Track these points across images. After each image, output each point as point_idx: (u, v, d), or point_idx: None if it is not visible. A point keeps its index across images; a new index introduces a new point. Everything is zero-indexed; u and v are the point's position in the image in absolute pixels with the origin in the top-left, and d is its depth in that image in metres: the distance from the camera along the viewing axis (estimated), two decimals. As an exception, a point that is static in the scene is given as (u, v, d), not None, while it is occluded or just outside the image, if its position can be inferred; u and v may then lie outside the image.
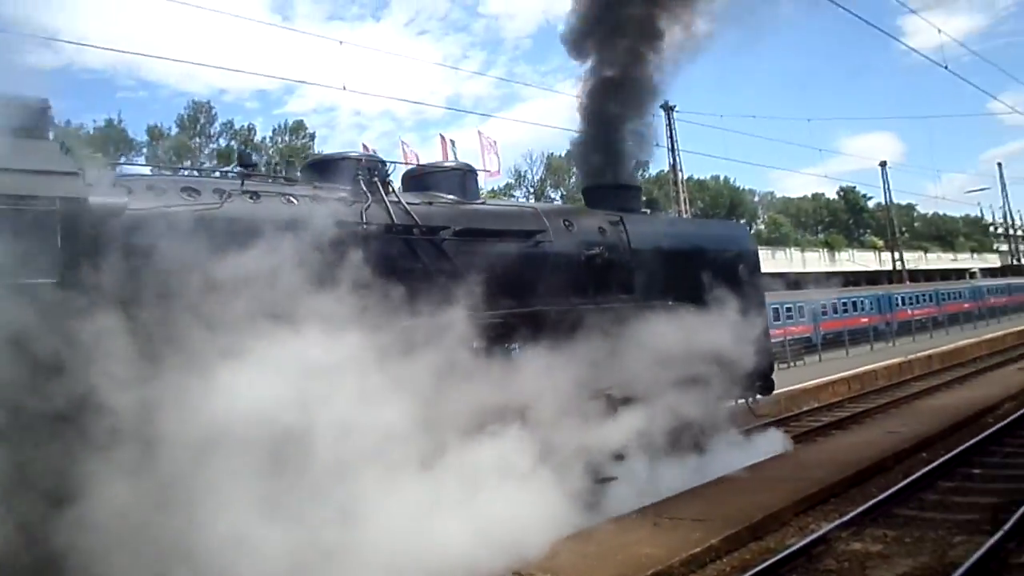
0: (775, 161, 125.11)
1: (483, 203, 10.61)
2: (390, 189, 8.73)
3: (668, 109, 34.41)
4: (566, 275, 9.79)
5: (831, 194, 79.08)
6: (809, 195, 78.45)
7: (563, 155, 59.49)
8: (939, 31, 14.53)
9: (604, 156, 12.10)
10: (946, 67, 15.36)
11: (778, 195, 78.90)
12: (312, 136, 54.56)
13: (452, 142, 32.78)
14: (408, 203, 8.68)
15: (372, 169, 8.71)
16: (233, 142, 48.71)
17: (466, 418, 7.31)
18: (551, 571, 6.94)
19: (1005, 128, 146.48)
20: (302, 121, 56.28)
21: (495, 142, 32.92)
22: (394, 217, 8.32)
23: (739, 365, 10.87)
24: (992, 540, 7.01)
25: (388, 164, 9.37)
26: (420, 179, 10.19)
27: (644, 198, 13.50)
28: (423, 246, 8.45)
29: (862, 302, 37.38)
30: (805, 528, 8.31)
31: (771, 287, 16.78)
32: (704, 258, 11.83)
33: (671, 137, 35.25)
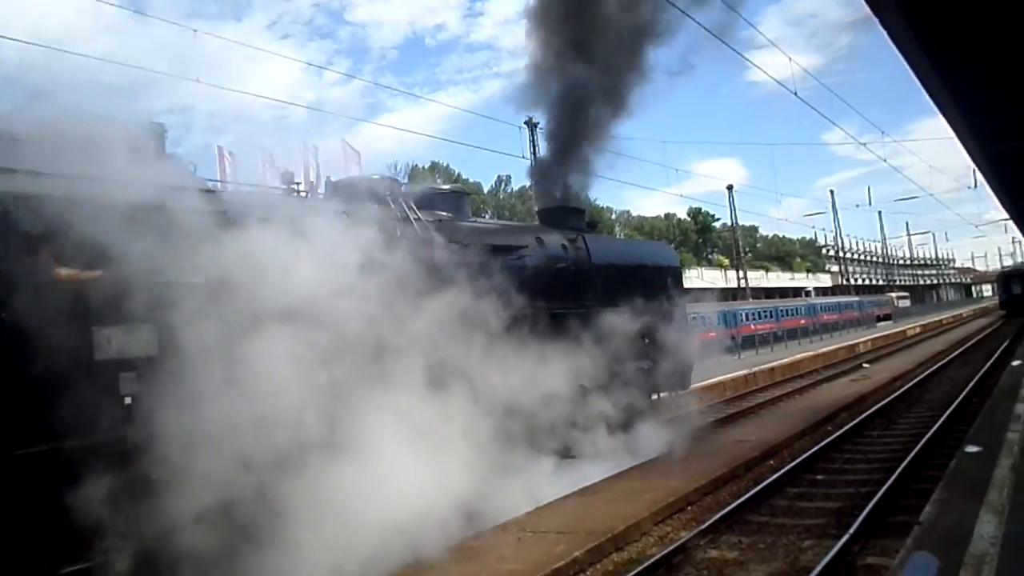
0: (632, 179, 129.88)
1: (474, 221, 12.19)
2: (413, 208, 9.84)
3: (532, 126, 34.85)
4: (541, 284, 11.29)
5: (682, 214, 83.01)
6: (662, 215, 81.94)
7: (427, 167, 59.25)
8: (790, 59, 15.40)
9: (559, 182, 13.90)
10: (795, 93, 16.26)
11: (634, 213, 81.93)
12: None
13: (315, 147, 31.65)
14: (426, 220, 9.93)
15: (396, 191, 10.07)
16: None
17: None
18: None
19: (837, 159, 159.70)
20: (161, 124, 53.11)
21: (358, 152, 32.13)
22: (420, 232, 9.52)
23: (670, 363, 13.26)
24: (839, 543, 7.28)
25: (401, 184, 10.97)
26: (421, 199, 10.98)
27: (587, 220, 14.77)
28: (451, 256, 9.49)
29: (710, 317, 39.09)
30: (665, 537, 8.39)
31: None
32: (645, 272, 13.84)
33: (534, 153, 35.72)
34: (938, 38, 8.18)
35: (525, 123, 34.75)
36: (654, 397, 13.74)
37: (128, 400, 6.06)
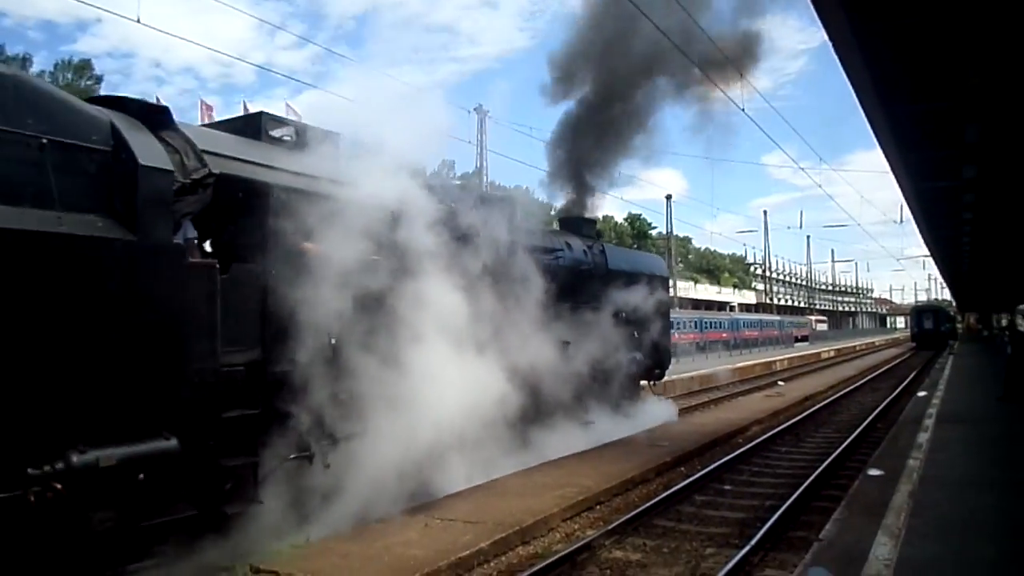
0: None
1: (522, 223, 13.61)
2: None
3: (482, 115, 34.78)
4: (571, 284, 13.21)
5: (620, 218, 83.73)
6: (600, 216, 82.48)
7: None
8: (741, 75, 15.54)
9: (576, 193, 16.29)
10: (743, 109, 16.47)
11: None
12: (100, 79, 49.42)
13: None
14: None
15: (471, 195, 11.50)
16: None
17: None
18: (311, 572, 6.47)
19: (774, 181, 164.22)
20: (89, 60, 50.93)
21: (300, 117, 31.46)
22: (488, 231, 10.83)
23: (657, 354, 16.54)
24: (740, 553, 7.41)
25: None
26: (480, 200, 12.41)
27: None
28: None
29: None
30: (572, 534, 8.42)
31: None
32: (643, 279, 16.06)
33: (480, 142, 35.67)
34: (886, 72, 8.38)
35: (475, 110, 34.72)
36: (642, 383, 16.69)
37: (333, 340, 7.93)
